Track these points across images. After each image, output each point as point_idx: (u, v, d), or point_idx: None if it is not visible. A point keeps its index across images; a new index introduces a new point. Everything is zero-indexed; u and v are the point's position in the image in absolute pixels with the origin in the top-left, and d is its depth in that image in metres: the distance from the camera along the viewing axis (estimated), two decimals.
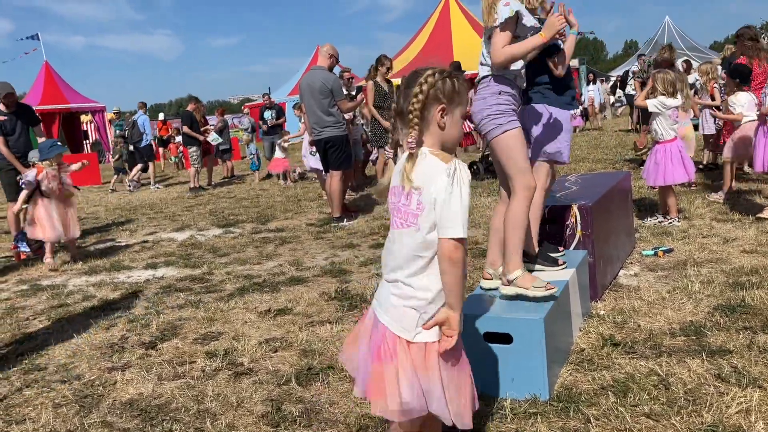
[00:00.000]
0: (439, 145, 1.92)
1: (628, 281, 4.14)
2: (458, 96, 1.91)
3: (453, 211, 1.78)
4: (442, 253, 1.81)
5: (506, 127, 2.93)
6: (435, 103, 1.88)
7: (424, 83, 1.87)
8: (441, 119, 1.89)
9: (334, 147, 7.20)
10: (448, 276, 1.84)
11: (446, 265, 1.82)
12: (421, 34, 24.66)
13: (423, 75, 1.88)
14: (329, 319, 3.92)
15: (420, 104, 1.86)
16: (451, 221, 1.78)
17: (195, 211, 9.51)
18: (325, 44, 7.47)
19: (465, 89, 1.94)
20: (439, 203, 1.80)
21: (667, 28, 32.66)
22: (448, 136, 1.93)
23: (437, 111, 1.88)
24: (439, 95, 1.88)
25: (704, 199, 6.48)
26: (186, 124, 12.32)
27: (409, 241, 1.87)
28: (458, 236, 1.79)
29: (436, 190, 1.80)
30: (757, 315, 3.30)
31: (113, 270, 5.97)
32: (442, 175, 1.80)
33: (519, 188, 2.96)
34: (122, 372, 3.38)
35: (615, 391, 2.64)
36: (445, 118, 1.90)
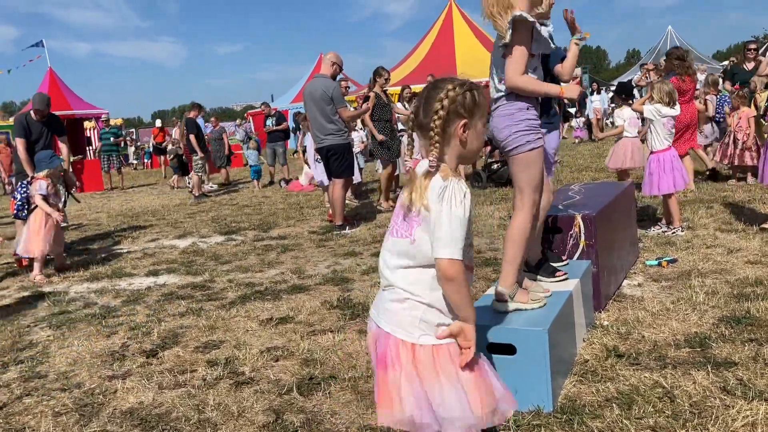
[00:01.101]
0: (457, 160, 1.90)
1: (632, 291, 4.12)
2: (479, 109, 1.88)
3: (443, 230, 1.77)
4: (438, 272, 1.81)
5: (534, 144, 2.89)
6: (456, 119, 1.85)
7: (444, 98, 1.83)
8: (463, 134, 1.87)
9: (336, 155, 7.20)
10: (449, 294, 1.84)
11: (444, 284, 1.83)
12: (424, 42, 24.72)
13: (443, 89, 1.84)
14: (331, 328, 3.90)
15: (441, 120, 1.83)
16: (442, 241, 1.77)
17: (197, 218, 9.50)
18: (329, 52, 7.48)
19: (485, 101, 1.92)
20: (432, 222, 1.80)
21: (670, 38, 32.70)
22: (469, 150, 1.91)
23: (459, 126, 1.85)
24: (460, 110, 1.84)
25: (708, 209, 6.45)
26: (192, 132, 12.31)
27: (402, 249, 1.89)
28: (448, 257, 1.78)
29: (431, 208, 1.80)
30: (763, 327, 3.28)
31: (115, 277, 5.96)
32: (436, 191, 1.79)
33: (528, 204, 2.93)
34: (123, 380, 3.36)
35: (619, 404, 2.62)
36: (467, 132, 1.87)
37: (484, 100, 1.90)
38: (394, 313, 1.88)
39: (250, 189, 13.32)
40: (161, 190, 15.27)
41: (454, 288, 1.81)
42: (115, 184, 16.93)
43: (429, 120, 1.84)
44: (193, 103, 13.16)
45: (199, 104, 13.21)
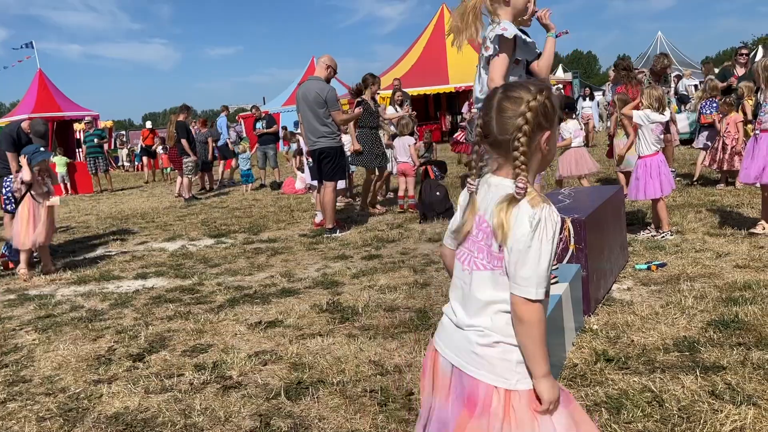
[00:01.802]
0: (535, 172, 1.67)
1: (621, 295, 4.12)
2: (557, 114, 1.65)
3: (528, 267, 1.54)
4: (513, 311, 1.58)
5: None
6: (540, 131, 1.61)
7: (527, 111, 1.58)
8: (545, 147, 1.63)
9: (328, 158, 7.18)
10: (520, 337, 1.59)
11: (517, 326, 1.58)
12: (415, 46, 24.79)
13: (523, 100, 1.59)
14: (320, 332, 3.87)
15: (527, 138, 1.58)
16: (525, 279, 1.54)
17: (187, 221, 9.45)
18: (324, 55, 7.47)
19: (557, 100, 1.68)
20: (515, 253, 1.56)
21: (660, 43, 32.95)
22: (547, 161, 1.69)
23: (543, 139, 1.62)
24: (543, 121, 1.60)
25: (697, 213, 6.48)
26: (183, 136, 12.25)
27: (492, 285, 1.62)
28: (530, 297, 1.55)
29: (515, 238, 1.56)
30: (751, 331, 3.28)
31: (102, 280, 5.90)
32: (524, 221, 1.55)
33: None
34: (108, 384, 3.32)
35: (608, 408, 2.61)
36: (549, 143, 1.64)
37: (556, 99, 1.67)
38: (484, 358, 1.63)
39: (240, 192, 13.26)
40: (151, 193, 15.20)
41: (527, 331, 1.57)
42: (104, 186, 16.80)
43: (509, 137, 1.60)
44: (182, 106, 13.09)
45: (188, 107, 13.14)
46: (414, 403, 2.79)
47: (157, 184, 17.67)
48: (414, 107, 13.96)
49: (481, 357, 1.63)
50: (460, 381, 1.67)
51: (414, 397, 2.85)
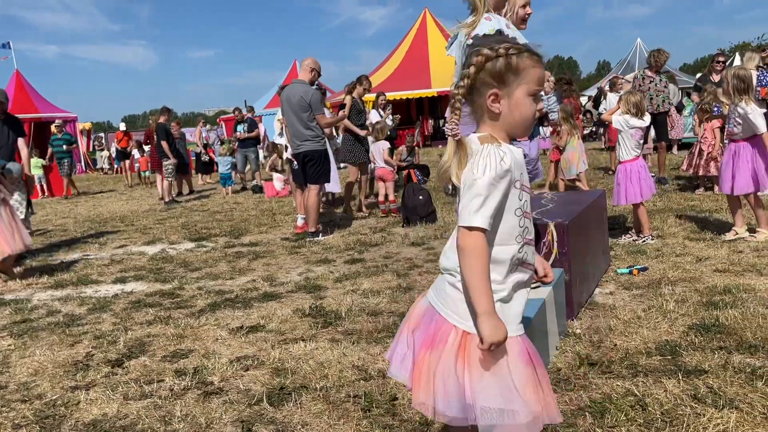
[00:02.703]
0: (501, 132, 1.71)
1: (604, 300, 4.14)
2: (517, 75, 1.65)
3: (466, 197, 1.61)
4: (456, 243, 1.64)
5: None
6: (486, 88, 1.67)
7: (474, 64, 1.65)
8: (494, 105, 1.68)
9: (313, 161, 7.15)
10: (462, 270, 1.63)
11: (459, 257, 1.62)
12: (398, 50, 24.82)
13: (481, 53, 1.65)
14: (303, 337, 3.84)
15: (464, 89, 1.67)
16: (463, 208, 1.61)
17: (167, 224, 9.34)
18: (307, 58, 7.44)
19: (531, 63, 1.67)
20: (462, 190, 1.64)
21: (639, 50, 33.33)
22: (513, 120, 1.70)
23: (489, 98, 1.67)
24: (487, 79, 1.66)
25: (677, 218, 6.55)
26: (162, 138, 12.12)
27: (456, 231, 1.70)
28: (465, 224, 1.59)
29: (463, 176, 1.64)
30: (732, 334, 3.31)
31: (80, 284, 5.80)
32: (472, 155, 1.64)
33: None
34: (86, 391, 3.25)
35: (592, 412, 2.61)
36: (500, 103, 1.68)
37: (530, 62, 1.67)
38: (450, 297, 1.71)
39: (221, 195, 13.16)
40: (130, 195, 15.01)
41: (465, 262, 1.60)
42: (83, 190, 16.58)
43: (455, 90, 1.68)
44: (163, 108, 12.96)
45: (168, 109, 13.01)
46: (398, 408, 2.77)
47: (136, 187, 17.45)
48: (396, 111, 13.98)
49: (448, 296, 1.72)
50: (431, 317, 1.75)
51: (398, 402, 2.83)
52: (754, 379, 2.77)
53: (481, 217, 1.59)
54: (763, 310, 3.62)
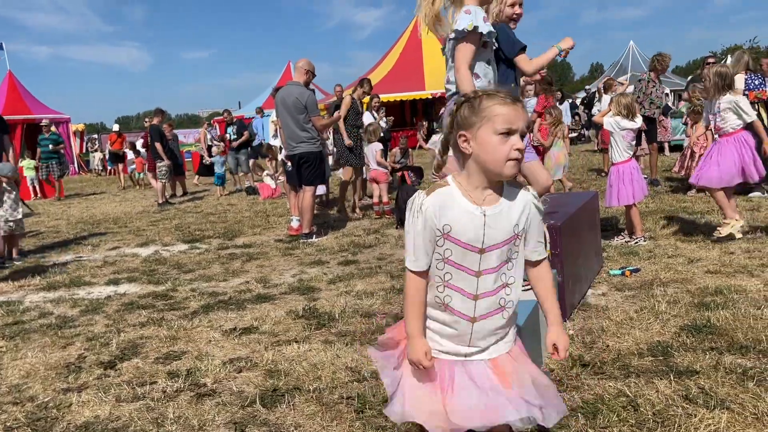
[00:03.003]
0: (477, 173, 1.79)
1: (596, 301, 4.16)
2: (478, 117, 1.75)
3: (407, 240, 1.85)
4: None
5: None
6: (457, 130, 1.80)
7: (448, 115, 1.88)
8: (465, 145, 1.78)
9: (308, 163, 7.15)
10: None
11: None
12: (392, 52, 24.85)
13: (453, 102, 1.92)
14: (296, 338, 3.83)
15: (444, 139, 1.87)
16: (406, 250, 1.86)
17: (160, 226, 9.32)
18: (301, 59, 7.43)
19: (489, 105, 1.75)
20: None
21: (632, 53, 33.48)
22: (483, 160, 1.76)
23: (460, 139, 1.79)
24: (455, 124, 1.81)
25: (669, 220, 6.58)
26: (156, 139, 12.08)
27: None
28: (406, 265, 1.86)
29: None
30: (723, 335, 3.33)
31: (73, 286, 5.78)
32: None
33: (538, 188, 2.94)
34: (78, 393, 3.24)
35: (585, 413, 2.62)
36: (471, 144, 1.77)
37: (488, 104, 1.75)
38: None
39: (215, 196, 13.13)
40: (123, 197, 14.96)
41: (404, 294, 1.90)
42: (75, 191, 16.49)
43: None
44: (156, 109, 12.93)
45: (162, 110, 12.98)
46: None
47: (129, 189, 17.37)
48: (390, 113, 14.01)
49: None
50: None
51: None
52: (745, 380, 2.79)
53: (409, 259, 1.83)
54: (754, 311, 3.65)
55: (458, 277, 1.81)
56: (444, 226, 1.76)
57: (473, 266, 1.79)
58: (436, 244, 1.80)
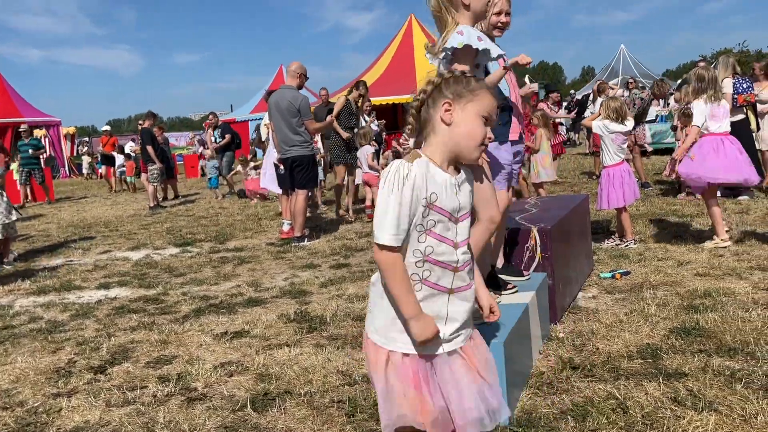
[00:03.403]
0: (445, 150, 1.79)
1: (586, 303, 4.18)
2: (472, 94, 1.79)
3: (378, 212, 1.71)
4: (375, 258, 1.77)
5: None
6: (440, 98, 1.79)
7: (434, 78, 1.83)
8: (448, 117, 1.79)
9: (301, 166, 7.15)
10: (384, 284, 1.79)
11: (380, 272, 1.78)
12: (384, 55, 24.87)
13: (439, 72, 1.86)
14: (287, 342, 3.83)
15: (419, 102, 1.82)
16: (376, 224, 1.72)
17: (152, 230, 9.29)
18: (293, 63, 7.42)
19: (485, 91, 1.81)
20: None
21: (623, 56, 33.70)
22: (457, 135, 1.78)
23: (442, 108, 1.79)
24: (445, 90, 1.79)
25: (660, 223, 6.62)
26: (147, 143, 12.03)
27: None
28: (377, 241, 1.71)
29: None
30: (711, 338, 3.36)
31: (63, 290, 5.75)
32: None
33: (485, 218, 2.87)
34: (68, 398, 3.23)
35: (574, 416, 2.63)
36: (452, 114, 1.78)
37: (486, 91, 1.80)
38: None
39: (207, 200, 13.10)
40: (115, 200, 14.90)
41: (385, 276, 1.75)
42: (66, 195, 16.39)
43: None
44: (148, 113, 12.89)
45: (154, 113, 12.94)
46: None
47: (121, 193, 17.29)
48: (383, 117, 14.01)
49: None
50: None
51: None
52: (733, 382, 2.81)
53: (386, 233, 1.69)
54: (742, 313, 3.68)
55: (439, 250, 1.78)
56: (431, 194, 1.74)
57: (453, 237, 1.80)
58: (422, 216, 1.74)
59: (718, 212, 5.45)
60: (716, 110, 5.45)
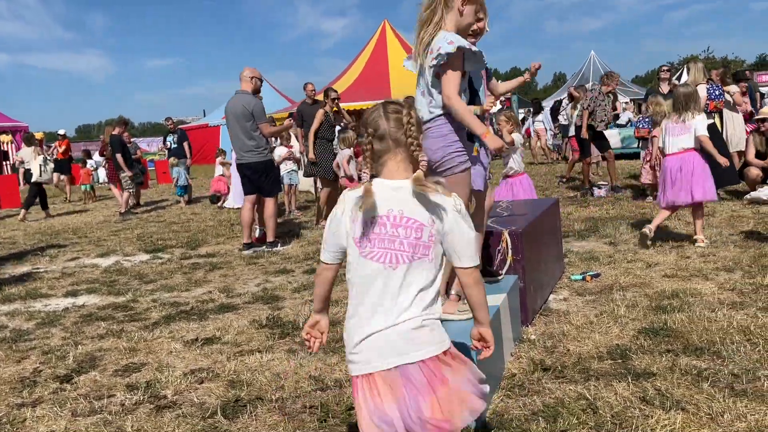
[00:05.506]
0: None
1: (557, 305, 4.22)
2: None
3: (469, 242, 1.87)
4: (471, 279, 1.90)
5: (465, 165, 2.92)
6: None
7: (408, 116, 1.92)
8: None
9: (258, 173, 7.06)
10: (479, 296, 1.94)
11: (475, 289, 1.92)
12: (357, 60, 24.90)
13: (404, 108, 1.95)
14: (259, 348, 3.79)
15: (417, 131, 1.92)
16: (471, 250, 1.88)
17: (122, 236, 9.14)
18: (246, 68, 7.37)
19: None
20: (454, 236, 1.85)
21: (593, 62, 34.20)
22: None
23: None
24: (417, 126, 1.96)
25: (628, 226, 6.72)
26: (117, 150, 11.81)
27: (423, 272, 1.86)
28: (477, 264, 1.90)
29: (448, 224, 1.85)
30: (679, 338, 3.41)
31: (29, 298, 5.62)
32: (450, 209, 1.85)
33: None
34: (33, 408, 3.15)
35: (545, 417, 2.65)
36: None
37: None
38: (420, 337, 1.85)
39: (178, 206, 12.94)
40: (84, 207, 14.63)
41: (482, 289, 1.94)
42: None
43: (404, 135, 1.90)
44: (119, 118, 12.69)
45: (125, 120, 12.75)
46: (354, 418, 2.75)
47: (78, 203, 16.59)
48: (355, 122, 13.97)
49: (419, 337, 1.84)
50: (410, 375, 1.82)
51: (354, 412, 2.81)
52: (700, 381, 2.86)
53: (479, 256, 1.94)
54: (708, 313, 3.75)
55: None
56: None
57: None
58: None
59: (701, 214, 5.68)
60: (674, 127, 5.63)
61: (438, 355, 1.86)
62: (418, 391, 1.82)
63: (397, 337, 1.83)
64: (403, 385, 1.82)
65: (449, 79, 2.81)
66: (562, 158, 16.68)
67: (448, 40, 2.78)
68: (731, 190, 8.26)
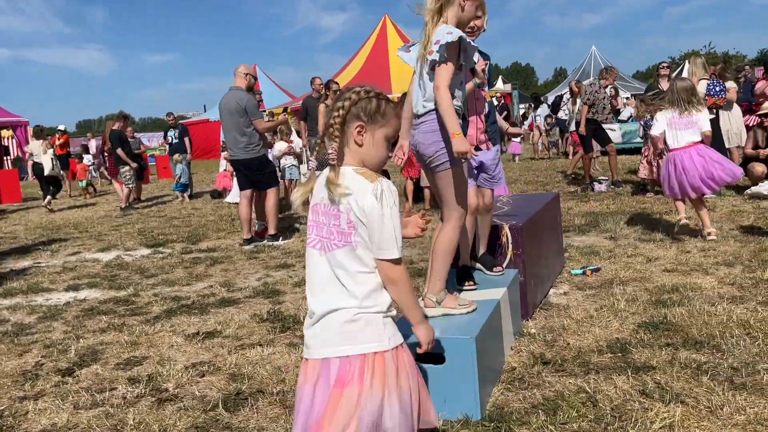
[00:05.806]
0: (360, 164, 1.93)
1: (558, 300, 4.22)
2: (382, 117, 1.92)
3: (387, 233, 1.80)
4: (383, 275, 1.85)
5: (460, 160, 2.93)
6: (354, 120, 1.90)
7: (347, 99, 1.90)
8: (358, 136, 1.91)
9: (252, 169, 7.06)
10: (395, 295, 1.88)
11: (389, 287, 1.87)
12: (358, 55, 24.90)
13: (349, 93, 1.92)
14: (260, 342, 3.81)
15: (341, 119, 1.88)
16: (387, 242, 1.81)
17: (123, 231, 9.15)
18: (240, 65, 7.36)
19: (392, 113, 1.95)
20: (370, 225, 1.81)
21: (594, 58, 34.13)
22: (368, 155, 1.93)
23: (354, 128, 1.90)
24: (360, 113, 1.90)
25: (629, 220, 6.73)
26: (117, 146, 11.81)
27: (351, 261, 1.86)
28: (394, 257, 1.83)
29: (366, 211, 1.81)
30: (678, 332, 3.42)
31: (30, 292, 5.64)
32: (368, 195, 1.81)
33: (456, 216, 2.97)
34: (35, 401, 3.16)
35: (545, 410, 2.66)
36: (364, 136, 1.91)
37: (392, 112, 1.95)
38: (351, 332, 1.83)
39: (179, 201, 12.95)
40: (85, 202, 14.65)
41: (399, 288, 1.87)
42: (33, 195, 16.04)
43: (331, 118, 1.91)
44: (120, 113, 12.67)
45: (125, 115, 12.73)
46: None
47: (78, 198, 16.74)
48: None
49: (349, 331, 1.83)
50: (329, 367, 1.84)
51: None
52: (700, 374, 2.87)
53: (400, 249, 1.85)
54: (708, 307, 3.76)
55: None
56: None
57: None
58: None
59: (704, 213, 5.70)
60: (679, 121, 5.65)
61: (366, 354, 1.82)
62: (323, 390, 1.82)
63: (330, 328, 1.86)
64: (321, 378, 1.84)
65: (442, 71, 2.82)
66: (562, 153, 16.67)
67: (447, 31, 2.80)
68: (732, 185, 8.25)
